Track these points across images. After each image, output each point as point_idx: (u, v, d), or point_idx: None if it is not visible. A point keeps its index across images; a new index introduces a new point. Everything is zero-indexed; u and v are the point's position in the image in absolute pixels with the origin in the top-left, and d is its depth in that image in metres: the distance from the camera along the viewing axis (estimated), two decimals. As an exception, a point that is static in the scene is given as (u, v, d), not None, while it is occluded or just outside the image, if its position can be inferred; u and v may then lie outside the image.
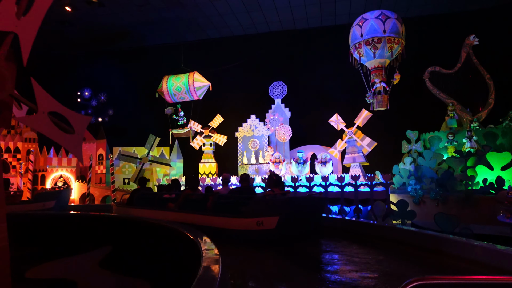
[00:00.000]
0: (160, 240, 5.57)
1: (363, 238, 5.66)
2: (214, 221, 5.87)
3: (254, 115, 15.96)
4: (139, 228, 6.26)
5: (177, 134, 16.20)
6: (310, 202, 5.83)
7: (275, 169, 13.17)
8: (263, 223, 5.28)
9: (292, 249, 5.15)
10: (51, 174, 15.95)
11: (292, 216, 5.35)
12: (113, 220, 7.29)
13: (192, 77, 15.31)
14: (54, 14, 16.55)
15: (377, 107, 11.84)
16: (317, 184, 11.28)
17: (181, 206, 6.85)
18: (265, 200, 5.68)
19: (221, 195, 6.56)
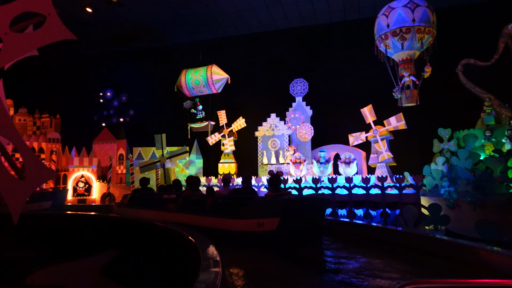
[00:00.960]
0: (165, 244, 5.23)
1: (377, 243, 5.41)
2: (214, 222, 5.75)
3: (274, 114, 15.46)
4: (146, 232, 5.93)
5: (195, 128, 15.91)
6: (311, 203, 5.66)
7: (295, 169, 12.58)
8: (263, 224, 5.16)
9: (293, 251, 5.04)
10: (73, 174, 16.05)
11: (294, 218, 5.20)
12: (124, 223, 6.98)
13: (210, 70, 14.97)
14: (75, 15, 16.69)
15: (406, 103, 11.00)
16: (340, 185, 10.60)
17: (181, 206, 6.72)
18: (266, 201, 5.53)
19: (221, 196, 6.41)
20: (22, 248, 6.73)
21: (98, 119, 19.36)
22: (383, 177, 10.23)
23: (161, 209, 7.04)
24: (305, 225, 5.30)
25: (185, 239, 3.93)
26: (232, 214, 5.64)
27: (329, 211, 10.45)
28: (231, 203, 5.92)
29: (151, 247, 5.60)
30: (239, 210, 5.58)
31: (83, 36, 18.56)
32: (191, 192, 7.07)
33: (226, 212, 5.77)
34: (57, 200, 11.67)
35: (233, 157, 16.37)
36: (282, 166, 14.52)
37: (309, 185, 10.83)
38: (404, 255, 4.75)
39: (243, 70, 16.62)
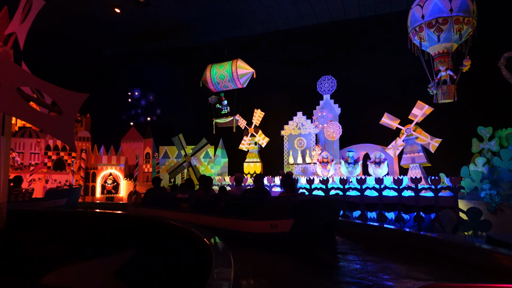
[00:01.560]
0: (182, 245, 5.02)
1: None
2: (227, 223, 5.65)
3: (300, 112, 15.07)
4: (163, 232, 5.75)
5: (220, 123, 15.76)
6: (326, 204, 5.47)
7: (322, 169, 12.10)
8: (277, 226, 5.04)
9: (308, 253, 4.97)
10: (101, 172, 16.35)
11: (308, 219, 5.07)
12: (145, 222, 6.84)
13: (235, 65, 14.75)
14: (104, 16, 17.01)
15: (442, 99, 10.25)
16: (369, 186, 10.04)
17: (193, 206, 6.65)
18: (279, 201, 5.42)
19: (234, 196, 6.30)
20: (43, 246, 6.73)
21: (126, 118, 19.68)
22: (417, 179, 9.58)
23: (174, 209, 6.97)
24: (319, 226, 5.13)
25: (200, 240, 3.75)
26: (245, 215, 5.55)
27: (358, 213, 9.93)
28: (245, 203, 5.81)
29: (166, 248, 5.41)
30: (253, 211, 5.48)
31: (112, 36, 18.95)
32: (204, 192, 6.99)
33: (239, 213, 5.67)
34: (72, 197, 12.04)
35: (258, 156, 16.10)
36: (308, 166, 14.08)
37: (336, 186, 10.34)
38: (422, 260, 4.45)
39: (269, 67, 16.29)
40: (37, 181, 15.44)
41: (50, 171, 16.26)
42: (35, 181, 15.35)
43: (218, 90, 15.67)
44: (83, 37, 18.70)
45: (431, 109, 11.30)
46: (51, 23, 17.15)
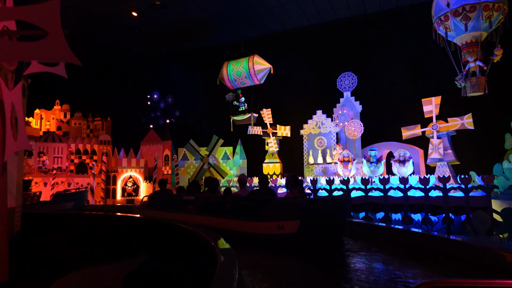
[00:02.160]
0: (192, 249, 4.81)
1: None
2: (233, 224, 5.65)
3: (320, 111, 14.62)
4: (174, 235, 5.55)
5: (238, 120, 15.51)
6: (332, 204, 5.47)
7: (343, 169, 11.62)
8: (284, 227, 5.01)
9: (314, 254, 4.88)
10: (122, 174, 16.48)
11: (314, 220, 5.05)
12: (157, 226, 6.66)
13: (252, 60, 14.44)
14: (122, 21, 17.18)
15: (471, 92, 9.57)
16: (393, 186, 9.50)
17: (200, 208, 6.64)
18: (286, 203, 5.42)
19: (240, 198, 6.30)
20: (58, 249, 6.68)
21: (146, 121, 19.81)
22: (445, 178, 8.97)
23: (181, 211, 6.98)
24: (326, 227, 5.12)
25: (207, 242, 3.69)
26: (252, 216, 5.53)
27: (381, 215, 9.41)
28: (251, 205, 5.76)
29: (174, 250, 5.26)
30: (259, 212, 5.46)
31: (130, 40, 19.15)
32: (210, 193, 6.97)
33: (246, 214, 5.66)
34: (79, 200, 12.24)
35: (277, 157, 15.76)
36: (329, 165, 13.62)
37: (358, 186, 9.86)
38: (434, 261, 4.23)
39: (287, 65, 15.94)
40: (60, 185, 15.72)
41: (73, 175, 16.52)
42: (58, 185, 15.63)
43: (235, 87, 15.43)
44: (103, 41, 18.98)
45: (438, 98, 10.62)
46: (70, 27, 17.47)
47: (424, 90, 13.13)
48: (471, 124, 10.32)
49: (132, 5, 16.09)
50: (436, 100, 10.77)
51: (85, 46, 19.17)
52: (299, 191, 5.92)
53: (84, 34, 18.19)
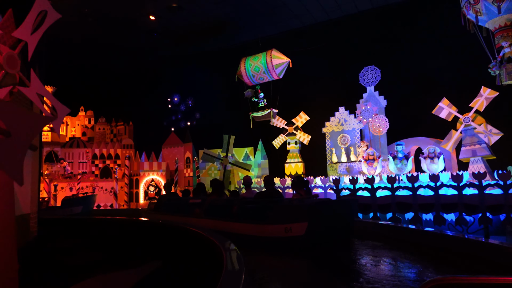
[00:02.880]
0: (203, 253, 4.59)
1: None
2: (240, 227, 5.58)
3: (343, 107, 14.07)
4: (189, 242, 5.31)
5: (257, 117, 15.15)
6: (340, 205, 5.46)
7: (368, 167, 11.05)
8: (291, 229, 4.93)
9: (323, 256, 4.88)
10: (144, 178, 16.55)
11: (322, 221, 5.02)
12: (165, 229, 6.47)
13: (270, 55, 14.03)
14: (141, 25, 17.30)
15: (507, 80, 8.79)
16: (423, 184, 8.86)
17: (207, 211, 6.54)
18: (293, 205, 5.33)
19: (247, 200, 6.15)
20: (74, 254, 6.63)
21: (167, 124, 19.87)
22: (480, 174, 8.26)
23: (188, 215, 6.92)
24: (334, 228, 5.11)
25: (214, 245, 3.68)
26: (259, 218, 5.47)
27: (411, 215, 8.80)
28: (259, 207, 5.67)
29: (183, 254, 5.23)
30: (266, 214, 5.38)
31: (150, 44, 19.29)
32: (216, 196, 6.92)
33: (253, 217, 5.60)
34: (87, 205, 12.33)
35: (300, 157, 15.32)
36: (353, 164, 13.05)
37: (384, 185, 9.28)
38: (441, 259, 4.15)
39: (307, 61, 15.48)
40: (85, 189, 15.97)
41: (97, 179, 16.75)
42: (83, 189, 15.89)
43: (254, 83, 15.09)
44: (123, 47, 19.21)
45: (494, 92, 9.82)
46: (91, 34, 17.79)
47: (454, 81, 12.35)
48: (491, 142, 9.70)
49: (149, 9, 16.16)
50: (490, 93, 10.01)
51: (106, 52, 19.48)
52: (306, 192, 5.80)
53: (104, 40, 18.47)
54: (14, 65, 4.38)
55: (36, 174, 6.21)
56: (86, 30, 17.52)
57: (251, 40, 18.18)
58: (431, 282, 1.35)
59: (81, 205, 11.44)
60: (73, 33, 17.59)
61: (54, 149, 17.01)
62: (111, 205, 15.77)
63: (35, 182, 6.15)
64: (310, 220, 4.87)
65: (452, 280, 1.34)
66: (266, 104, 14.99)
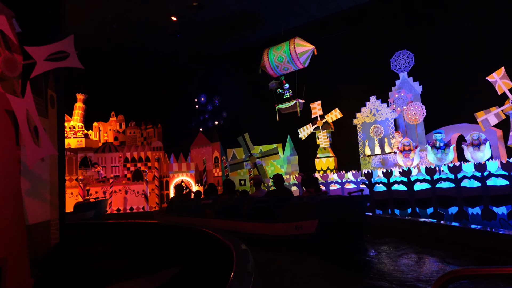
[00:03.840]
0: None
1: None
2: (251, 227, 5.64)
3: (374, 96, 13.28)
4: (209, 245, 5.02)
5: (283, 109, 14.61)
6: (350, 202, 5.37)
7: (404, 159, 10.24)
8: (302, 227, 4.98)
9: (335, 253, 4.89)
10: (173, 179, 16.57)
11: (332, 218, 5.04)
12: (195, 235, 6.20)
13: (293, 43, 13.43)
14: (164, 27, 17.33)
15: None
16: (467, 175, 8.00)
17: (218, 212, 6.58)
18: (303, 202, 5.37)
19: (257, 200, 6.15)
20: (103, 259, 6.54)
21: (195, 125, 19.85)
22: (534, 161, 7.31)
23: (199, 216, 6.96)
24: (344, 225, 5.09)
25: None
26: (270, 217, 5.52)
27: (455, 209, 7.98)
28: (269, 206, 5.69)
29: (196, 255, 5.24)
30: (277, 213, 5.43)
31: (174, 46, 19.32)
32: (228, 196, 6.91)
33: (264, 216, 5.63)
34: (99, 209, 12.31)
35: (331, 151, 14.66)
36: (388, 156, 12.24)
37: (422, 177, 8.49)
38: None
39: (333, 49, 14.77)
40: (118, 193, 16.23)
41: (129, 182, 16.99)
42: (116, 193, 16.15)
43: (278, 74, 14.57)
44: (148, 50, 19.39)
45: (500, 69, 8.77)
46: (117, 40, 18.07)
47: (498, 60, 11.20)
48: None
49: (170, 10, 16.11)
50: (498, 73, 9.06)
51: (132, 57, 19.76)
52: (315, 189, 5.80)
53: (130, 45, 18.72)
54: (13, 69, 4.25)
55: (55, 180, 6.15)
56: (112, 37, 17.83)
57: (275, 34, 17.66)
58: (450, 273, 1.30)
59: (93, 209, 11.52)
60: (101, 41, 17.97)
61: (87, 155, 17.46)
62: (143, 207, 15.91)
63: (54, 188, 6.10)
64: (321, 218, 4.88)
65: (472, 272, 1.29)
66: (291, 95, 14.44)
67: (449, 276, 1.32)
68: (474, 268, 1.32)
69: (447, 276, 1.32)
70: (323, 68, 14.37)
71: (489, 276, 1.31)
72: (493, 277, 1.32)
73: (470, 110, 11.20)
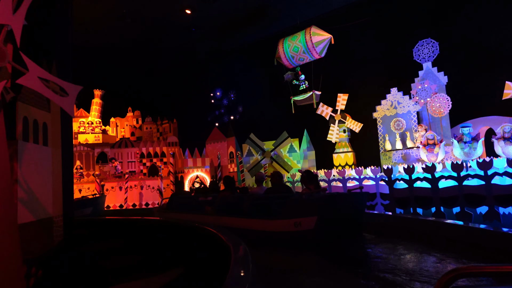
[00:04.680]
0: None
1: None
2: (251, 223, 5.68)
3: (395, 88, 12.61)
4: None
5: (299, 101, 14.07)
6: (350, 199, 5.44)
7: (428, 154, 9.60)
8: (301, 223, 5.01)
9: (333, 250, 4.92)
10: (188, 175, 16.41)
11: (332, 215, 5.07)
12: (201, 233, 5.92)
13: (309, 32, 12.84)
14: (178, 21, 17.12)
15: None
16: (499, 171, 7.34)
17: (218, 209, 6.65)
18: (302, 199, 5.37)
19: (257, 196, 6.15)
20: (112, 257, 6.36)
21: (211, 120, 19.62)
22: None
23: (199, 212, 7.00)
24: (344, 222, 5.14)
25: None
26: (269, 214, 5.58)
27: (485, 209, 7.34)
28: (268, 202, 5.74)
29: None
30: (276, 209, 5.48)
31: (189, 40, 19.11)
32: (229, 193, 6.92)
33: (263, 213, 5.69)
34: (97, 206, 12.19)
35: (349, 146, 14.09)
36: (410, 151, 11.59)
37: (448, 174, 7.86)
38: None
39: (352, 38, 14.14)
40: (133, 188, 16.21)
41: (145, 178, 16.95)
42: (131, 188, 16.14)
43: (294, 65, 14.02)
44: (163, 46, 19.26)
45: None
46: (132, 36, 18.01)
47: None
48: None
49: (184, 3, 15.87)
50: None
51: (148, 52, 19.69)
52: (315, 186, 5.79)
53: (145, 41, 18.63)
54: (1, 58, 4.01)
55: (59, 175, 5.96)
56: (127, 33, 17.78)
57: (291, 26, 17.14)
58: (455, 271, 1.28)
59: (90, 206, 11.42)
60: (115, 37, 17.96)
61: (104, 150, 17.53)
62: (158, 203, 15.83)
63: (58, 183, 5.90)
64: (320, 214, 4.88)
65: (476, 269, 1.28)
66: (307, 86, 13.91)
67: (453, 274, 1.29)
68: (479, 266, 1.30)
69: (451, 273, 1.29)
70: (341, 58, 13.78)
71: (494, 274, 1.28)
72: (498, 275, 1.29)
73: (499, 101, 10.43)
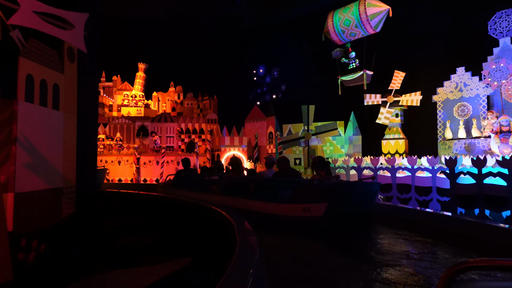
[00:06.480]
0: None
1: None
2: (258, 206, 5.55)
3: (462, 68, 10.92)
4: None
5: (347, 81, 12.63)
6: (361, 188, 5.18)
7: (501, 144, 8.01)
8: (310, 209, 4.93)
9: (341, 239, 4.77)
10: (225, 153, 15.85)
11: (342, 203, 4.89)
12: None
13: (363, 3, 11.21)
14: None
15: None
16: None
17: (224, 189, 6.54)
18: (313, 185, 5.28)
19: (265, 179, 6.05)
20: (133, 235, 5.89)
21: (253, 98, 18.82)
22: None
23: (205, 191, 6.82)
24: (354, 211, 4.99)
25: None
26: (276, 197, 5.50)
27: None
28: (276, 186, 5.65)
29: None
30: (285, 193, 5.42)
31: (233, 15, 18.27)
32: (236, 173, 6.77)
33: (270, 196, 5.61)
34: (97, 179, 12.03)
35: (401, 132, 12.61)
36: (476, 141, 9.97)
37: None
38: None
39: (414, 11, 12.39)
40: (170, 163, 16.01)
41: (182, 153, 16.69)
42: (168, 163, 15.95)
43: (344, 41, 12.48)
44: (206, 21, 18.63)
45: None
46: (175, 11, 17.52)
47: None
48: None
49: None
50: None
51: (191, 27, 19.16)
52: (326, 173, 5.73)
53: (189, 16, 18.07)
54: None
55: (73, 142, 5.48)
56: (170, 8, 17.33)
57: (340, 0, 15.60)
58: (462, 264, 1.23)
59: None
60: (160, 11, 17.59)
61: (144, 123, 17.48)
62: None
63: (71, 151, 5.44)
64: (330, 201, 4.80)
65: (484, 263, 1.22)
66: (358, 65, 12.45)
67: (460, 266, 1.22)
68: (486, 259, 1.20)
69: (458, 266, 1.22)
70: (398, 32, 12.14)
71: (502, 267, 1.21)
72: (505, 269, 1.23)
73: None
